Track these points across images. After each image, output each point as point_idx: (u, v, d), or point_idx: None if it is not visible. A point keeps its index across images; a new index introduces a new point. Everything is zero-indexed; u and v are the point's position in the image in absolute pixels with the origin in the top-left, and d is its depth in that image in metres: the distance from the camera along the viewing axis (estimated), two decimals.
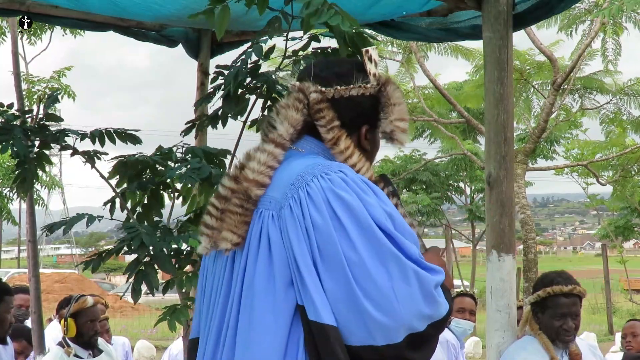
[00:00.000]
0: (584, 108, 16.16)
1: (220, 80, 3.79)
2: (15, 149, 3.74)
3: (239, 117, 3.83)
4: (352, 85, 2.01)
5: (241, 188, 1.93)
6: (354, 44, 2.97)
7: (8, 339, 4.56)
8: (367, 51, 2.05)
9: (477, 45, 15.55)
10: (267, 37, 3.50)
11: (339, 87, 2.00)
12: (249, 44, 4.89)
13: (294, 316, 1.81)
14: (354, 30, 2.89)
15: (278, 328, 1.80)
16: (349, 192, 1.83)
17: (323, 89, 2.00)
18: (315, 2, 2.82)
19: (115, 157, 3.98)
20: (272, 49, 3.55)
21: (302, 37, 3.57)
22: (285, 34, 3.48)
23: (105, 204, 4.01)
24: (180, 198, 4.14)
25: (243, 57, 3.57)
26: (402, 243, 1.80)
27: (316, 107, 1.99)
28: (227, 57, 5.14)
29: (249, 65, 3.64)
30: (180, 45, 5.03)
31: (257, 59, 3.60)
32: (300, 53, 3.67)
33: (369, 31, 3.32)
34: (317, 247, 1.80)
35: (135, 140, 4.03)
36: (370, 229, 1.79)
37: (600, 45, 13.96)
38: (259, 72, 3.67)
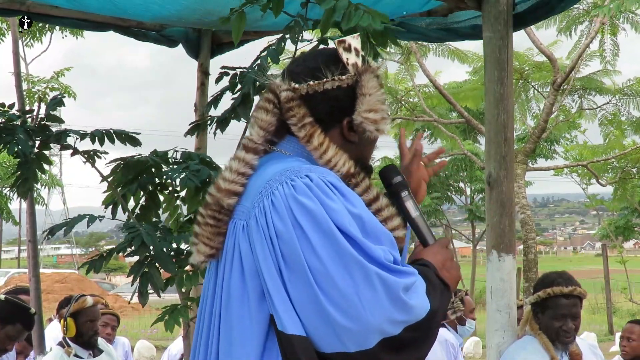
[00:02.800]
0: (583, 109, 16.15)
1: (225, 82, 3.78)
2: (19, 148, 3.74)
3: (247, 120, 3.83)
4: (325, 79, 1.93)
5: (214, 199, 1.92)
6: (380, 42, 2.94)
7: None
8: (342, 41, 1.96)
9: (474, 48, 15.55)
10: (285, 40, 3.47)
11: (311, 83, 1.94)
12: (251, 44, 4.93)
13: (269, 327, 1.79)
14: (384, 27, 2.83)
15: (254, 340, 1.79)
16: (311, 199, 1.78)
17: (296, 85, 1.95)
18: (340, 5, 2.79)
19: (115, 160, 3.98)
20: (281, 51, 3.53)
21: (312, 39, 3.56)
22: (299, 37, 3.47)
23: (104, 203, 4.00)
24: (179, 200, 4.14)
25: (258, 61, 3.55)
26: (366, 247, 1.74)
27: (286, 106, 1.94)
28: (228, 57, 5.15)
29: (263, 69, 3.63)
30: (180, 45, 5.03)
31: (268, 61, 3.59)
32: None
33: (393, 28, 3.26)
34: (281, 256, 1.77)
35: (135, 142, 4.03)
36: (332, 235, 1.74)
37: (598, 45, 13.97)
38: (267, 74, 3.67)
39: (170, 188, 4.06)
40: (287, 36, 3.32)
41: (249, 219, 1.84)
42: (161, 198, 4.09)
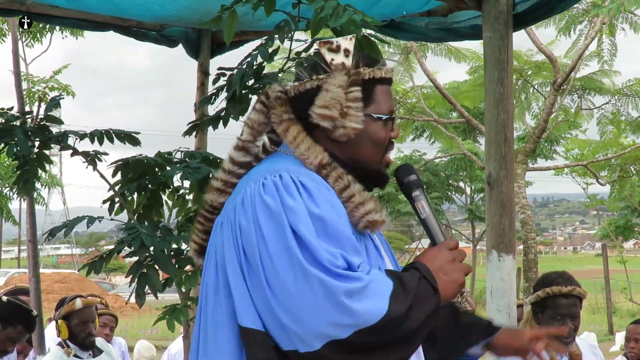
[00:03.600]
0: (582, 109, 16.15)
1: (222, 82, 3.79)
2: (17, 149, 3.74)
3: (239, 118, 3.83)
4: (305, 80, 1.99)
5: (207, 198, 2.02)
6: (365, 46, 2.97)
7: None
8: (328, 42, 1.99)
9: (472, 47, 15.55)
10: (274, 40, 3.48)
11: (296, 84, 2.01)
12: (250, 44, 4.93)
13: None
14: (362, 31, 2.88)
15: (225, 331, 1.84)
16: (274, 197, 1.82)
17: (287, 87, 2.02)
18: (328, 5, 2.81)
19: (116, 162, 3.99)
20: (275, 51, 3.54)
21: (306, 39, 3.57)
22: (289, 36, 3.48)
23: (104, 202, 4.00)
24: (179, 200, 4.14)
25: (249, 59, 3.56)
26: (314, 249, 1.74)
27: (269, 105, 2.03)
28: (227, 57, 5.15)
29: (253, 67, 3.64)
30: (180, 45, 5.03)
31: (261, 60, 3.60)
32: (303, 55, 3.66)
33: (373, 32, 3.30)
34: (243, 252, 1.82)
35: (135, 141, 4.03)
36: (283, 234, 1.77)
37: (596, 45, 13.98)
38: (263, 73, 3.67)
39: (171, 187, 4.07)
40: (277, 35, 3.33)
41: (225, 215, 1.91)
42: (164, 198, 4.10)
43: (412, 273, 1.83)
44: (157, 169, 3.99)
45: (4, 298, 4.11)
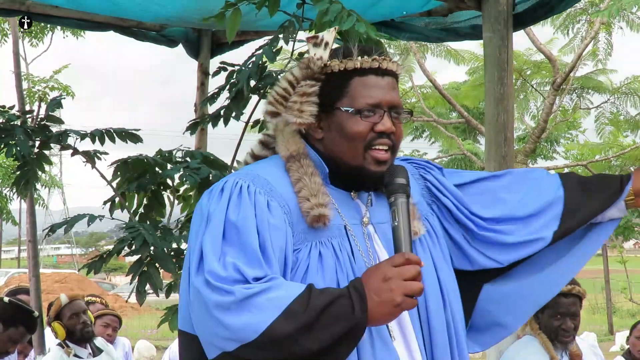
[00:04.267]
0: (581, 108, 16.14)
1: (222, 78, 3.79)
2: (18, 149, 3.74)
3: (240, 118, 3.83)
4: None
5: None
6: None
7: None
8: (313, 37, 1.95)
9: (471, 48, 15.54)
10: (279, 40, 3.48)
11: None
12: (250, 44, 4.93)
13: None
14: (365, 37, 2.89)
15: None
16: (208, 199, 1.86)
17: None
18: (333, 9, 2.81)
19: (117, 161, 3.99)
20: (278, 51, 3.55)
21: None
22: (293, 37, 3.48)
23: (105, 202, 4.01)
24: (180, 199, 4.14)
25: (253, 59, 3.56)
26: (205, 259, 1.73)
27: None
28: (227, 57, 5.15)
29: (258, 67, 3.64)
30: (180, 45, 5.03)
31: (264, 60, 3.60)
32: (306, 55, 3.66)
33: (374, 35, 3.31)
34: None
35: (136, 139, 4.03)
36: (194, 240, 1.81)
37: (592, 44, 13.96)
38: (264, 73, 3.67)
39: (171, 186, 4.07)
40: (281, 36, 3.33)
41: None
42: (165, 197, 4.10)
43: (337, 290, 1.72)
44: (157, 169, 3.99)
45: (6, 299, 4.11)
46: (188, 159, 4.00)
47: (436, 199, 2.09)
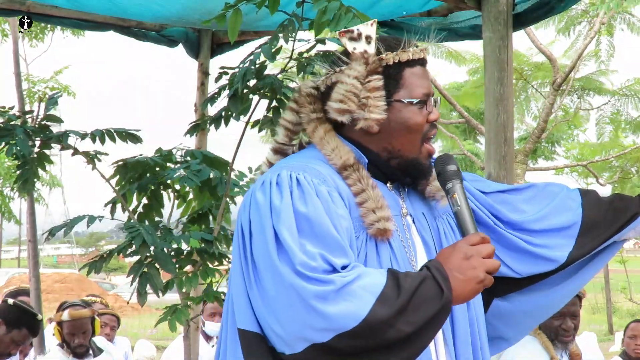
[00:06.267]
0: (582, 109, 16.15)
1: (224, 81, 3.79)
2: (18, 149, 3.74)
3: (241, 117, 3.83)
4: (331, 73, 1.94)
5: None
6: None
7: None
8: (348, 31, 1.90)
9: (471, 49, 15.54)
10: (278, 39, 3.48)
11: (323, 78, 1.95)
12: (250, 44, 4.93)
13: None
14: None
15: (232, 336, 1.84)
16: (265, 194, 1.80)
17: (318, 82, 1.96)
18: (331, 7, 2.81)
19: (116, 162, 3.99)
20: (278, 50, 3.55)
21: (309, 39, 3.57)
22: (293, 36, 3.48)
23: (106, 204, 4.01)
24: (180, 199, 4.15)
25: (251, 57, 3.56)
26: (290, 251, 1.70)
27: (299, 102, 1.98)
28: (227, 57, 5.16)
29: (255, 66, 3.64)
30: (180, 45, 5.03)
31: (263, 59, 3.59)
32: (305, 55, 3.66)
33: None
34: (243, 252, 1.82)
35: (136, 139, 4.02)
36: (265, 237, 1.75)
37: (594, 45, 13.98)
38: (264, 73, 3.67)
39: (171, 187, 4.07)
40: (281, 35, 3.33)
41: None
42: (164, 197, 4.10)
43: (418, 273, 1.74)
44: (156, 169, 3.99)
45: (10, 301, 4.11)
46: (188, 158, 4.00)
47: None
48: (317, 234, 1.74)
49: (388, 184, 1.97)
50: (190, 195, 4.13)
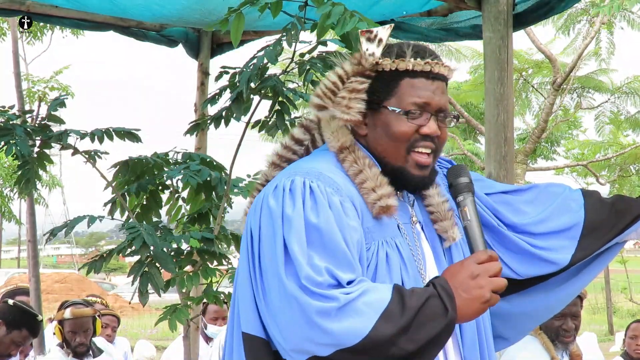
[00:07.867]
0: (582, 108, 16.16)
1: (225, 81, 3.79)
2: (17, 149, 3.74)
3: (241, 117, 3.83)
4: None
5: (262, 170, 2.05)
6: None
7: None
8: (368, 32, 1.91)
9: (472, 45, 15.54)
10: (281, 42, 3.48)
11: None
12: (250, 44, 4.93)
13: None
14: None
15: (237, 338, 1.85)
16: (277, 202, 1.79)
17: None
18: (335, 11, 2.81)
19: (116, 164, 3.99)
20: (280, 52, 3.55)
21: (311, 41, 3.57)
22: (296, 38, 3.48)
23: (105, 204, 4.01)
24: (180, 200, 4.15)
25: (254, 60, 3.56)
26: (297, 264, 1.70)
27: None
28: (227, 57, 5.15)
29: (259, 69, 3.63)
30: (180, 45, 5.03)
31: (265, 61, 3.59)
32: (307, 56, 3.66)
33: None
34: (252, 257, 1.81)
35: (136, 138, 4.02)
36: (275, 245, 1.74)
37: (594, 44, 13.98)
38: (266, 74, 3.67)
39: (171, 188, 4.07)
40: (284, 38, 3.33)
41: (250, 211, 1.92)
42: (163, 198, 4.10)
43: (424, 290, 1.73)
44: (155, 170, 4.00)
45: (10, 301, 4.10)
46: (187, 160, 4.01)
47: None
48: (326, 246, 1.73)
49: (397, 192, 1.96)
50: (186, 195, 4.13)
